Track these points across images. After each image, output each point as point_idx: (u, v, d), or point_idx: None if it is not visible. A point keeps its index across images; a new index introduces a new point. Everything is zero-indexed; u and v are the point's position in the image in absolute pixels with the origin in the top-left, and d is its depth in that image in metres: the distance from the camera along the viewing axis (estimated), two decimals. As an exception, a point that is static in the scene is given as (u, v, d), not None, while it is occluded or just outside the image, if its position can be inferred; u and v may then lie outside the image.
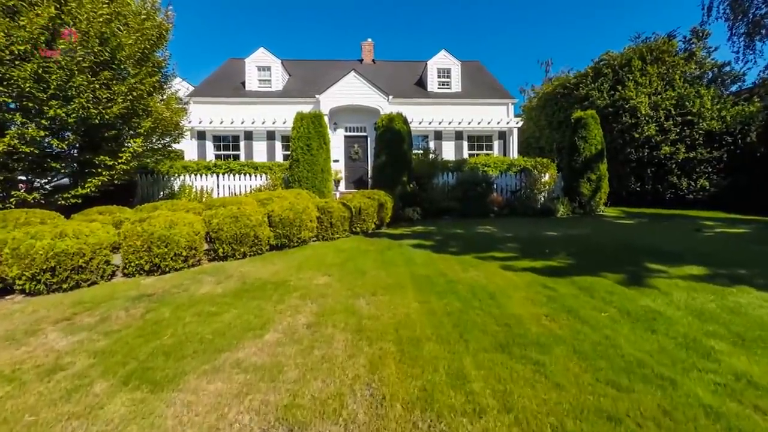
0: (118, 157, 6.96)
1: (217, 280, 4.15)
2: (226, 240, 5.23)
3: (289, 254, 5.51)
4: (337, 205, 6.85)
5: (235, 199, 7.35)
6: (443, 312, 3.09)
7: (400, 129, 10.31)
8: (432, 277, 4.11)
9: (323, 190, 10.18)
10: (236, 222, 5.30)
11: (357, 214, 7.45)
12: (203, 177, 11.41)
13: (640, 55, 12.61)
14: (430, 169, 10.73)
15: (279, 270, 4.53)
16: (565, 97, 15.76)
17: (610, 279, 3.86)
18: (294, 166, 10.17)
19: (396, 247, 5.83)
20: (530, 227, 7.98)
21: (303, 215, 6.11)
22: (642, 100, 11.94)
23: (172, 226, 4.67)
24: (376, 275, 4.21)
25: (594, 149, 10.79)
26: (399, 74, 19.53)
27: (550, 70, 31.40)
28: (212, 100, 15.80)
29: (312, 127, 10.14)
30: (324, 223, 6.72)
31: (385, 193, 8.71)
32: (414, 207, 9.86)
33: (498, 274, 4.17)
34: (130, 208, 6.97)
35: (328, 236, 6.77)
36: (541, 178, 11.36)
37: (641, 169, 12.32)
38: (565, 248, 5.51)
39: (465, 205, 10.33)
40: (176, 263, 4.65)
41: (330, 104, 15.28)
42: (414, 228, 8.16)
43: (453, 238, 6.72)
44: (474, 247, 5.77)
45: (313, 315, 3.08)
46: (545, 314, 2.99)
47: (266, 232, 5.70)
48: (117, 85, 6.43)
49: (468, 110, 16.66)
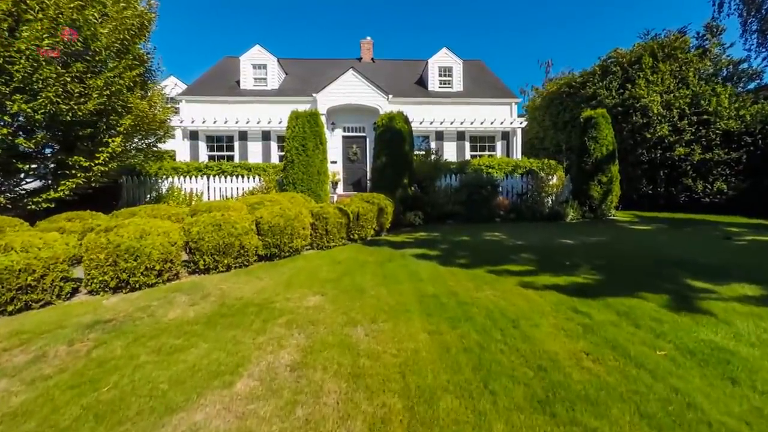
0: (94, 157, 6.38)
1: (192, 300, 3.57)
2: (208, 251, 4.65)
3: (279, 266, 4.93)
4: (333, 211, 6.28)
5: (222, 204, 6.77)
6: (459, 347, 2.52)
7: (401, 128, 9.76)
8: (441, 297, 3.54)
9: (319, 193, 9.61)
10: (219, 230, 4.72)
11: (355, 220, 6.88)
12: (193, 179, 10.83)
13: (651, 52, 12.10)
14: (433, 171, 10.18)
15: (265, 287, 3.95)
16: (571, 97, 15.25)
17: (652, 301, 3.29)
18: (288, 167, 9.60)
19: (398, 258, 5.26)
20: (541, 234, 7.43)
21: (295, 222, 5.53)
22: (654, 99, 11.43)
23: (143, 236, 4.08)
24: (376, 295, 3.63)
25: (605, 150, 10.26)
26: (399, 73, 19.00)
27: (550, 70, 30.94)
28: (205, 99, 15.22)
29: (308, 127, 9.58)
30: (319, 230, 6.15)
31: (385, 197, 8.15)
32: (415, 211, 9.30)
33: (517, 294, 3.60)
34: (110, 213, 6.38)
35: (324, 244, 6.20)
36: (548, 181, 10.82)
37: (653, 170, 11.79)
38: (586, 260, 4.95)
39: (469, 209, 9.78)
40: (148, 278, 4.06)
41: (328, 103, 14.73)
42: (416, 234, 7.59)
43: (460, 246, 6.15)
44: (484, 257, 5.20)
45: (300, 351, 2.51)
46: (585, 351, 2.42)
47: (254, 242, 5.12)
48: (92, 78, 5.86)
49: (470, 110, 16.13)
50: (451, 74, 17.00)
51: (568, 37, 65.66)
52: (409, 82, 17.85)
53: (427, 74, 17.31)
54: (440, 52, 16.94)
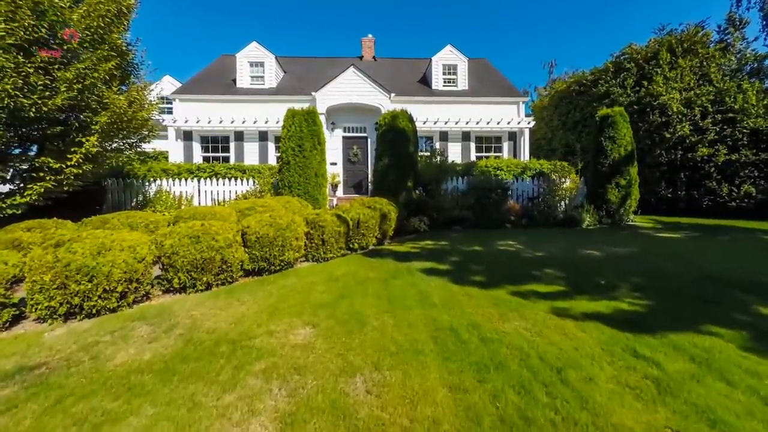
0: (66, 158, 5.74)
1: (153, 333, 2.90)
2: (183, 267, 3.99)
3: (267, 284, 4.26)
4: (331, 218, 5.62)
5: (208, 210, 6.13)
6: (494, 416, 1.84)
7: (405, 128, 9.10)
8: (460, 330, 2.86)
9: (317, 197, 8.96)
10: (197, 243, 4.06)
11: (355, 228, 6.22)
12: (183, 182, 10.19)
13: (668, 47, 11.43)
14: (439, 174, 9.51)
15: (245, 314, 3.28)
16: (581, 95, 14.58)
17: (729, 339, 2.61)
18: (284, 169, 8.94)
19: (404, 274, 4.59)
20: (560, 243, 6.74)
21: (287, 232, 4.87)
22: (673, 97, 10.74)
23: (101, 251, 3.43)
24: (379, 326, 2.96)
25: (623, 151, 9.57)
26: (401, 72, 18.38)
27: (553, 71, 30.35)
28: (200, 98, 14.61)
29: (305, 126, 8.93)
30: (314, 240, 5.48)
31: (387, 202, 7.49)
32: (420, 216, 8.63)
33: (553, 326, 2.92)
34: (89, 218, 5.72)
35: (320, 256, 5.53)
36: (561, 184, 10.13)
37: (673, 172, 11.09)
38: (622, 277, 4.27)
39: (478, 214, 9.10)
40: (108, 302, 3.41)
41: (327, 102, 14.11)
42: (422, 243, 6.92)
43: (472, 258, 5.47)
44: (503, 273, 4.52)
45: (278, 420, 1.84)
46: (672, 429, 1.74)
47: (239, 255, 4.46)
48: (60, 70, 5.23)
49: (475, 109, 15.48)
50: (456, 72, 16.36)
51: (571, 36, 65.04)
52: (411, 81, 17.22)
53: (430, 72, 16.67)
54: (444, 50, 16.30)
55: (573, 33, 65.68)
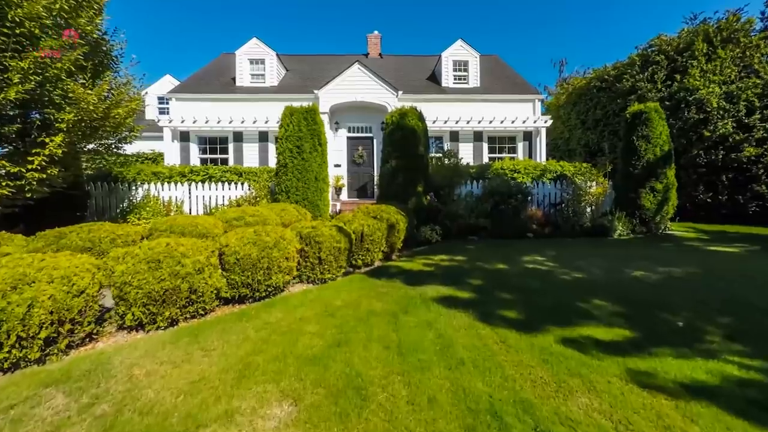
0: (27, 161, 4.98)
1: (65, 411, 2.05)
2: (138, 300, 3.15)
3: (245, 320, 3.40)
4: (329, 232, 4.74)
5: (188, 221, 5.30)
6: None
7: (415, 126, 8.21)
8: (504, 413, 1.95)
9: (317, 203, 8.10)
10: (156, 270, 3.22)
11: (358, 242, 5.34)
12: (174, 186, 9.43)
13: (705, 37, 10.34)
14: (452, 177, 8.58)
15: (205, 375, 2.41)
16: (603, 92, 13.52)
17: None
18: (281, 173, 8.11)
19: (417, 306, 3.68)
20: (596, 258, 5.77)
21: (274, 251, 4.00)
22: (712, 91, 9.66)
23: (18, 285, 2.60)
24: (387, 404, 2.07)
25: (659, 151, 8.54)
26: (409, 69, 17.50)
27: (564, 69, 29.27)
28: (197, 97, 13.92)
29: (304, 125, 8.09)
30: (309, 258, 4.61)
31: (396, 209, 6.59)
32: (432, 225, 7.73)
33: (643, 409, 1.99)
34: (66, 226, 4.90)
35: (316, 277, 4.66)
36: (588, 188, 9.13)
37: (713, 175, 9.98)
38: (703, 315, 3.30)
39: (496, 222, 8.16)
40: (28, 351, 2.57)
41: (331, 101, 13.29)
42: (436, 257, 6.01)
43: (499, 281, 4.54)
44: (543, 306, 3.59)
45: None
46: None
47: (213, 281, 3.60)
48: (14, 59, 4.47)
49: (488, 108, 14.54)
50: (467, 69, 15.43)
51: (580, 35, 63.41)
52: (420, 79, 16.32)
53: (440, 69, 15.77)
54: (455, 45, 15.38)
55: (582, 32, 64.06)
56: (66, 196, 7.65)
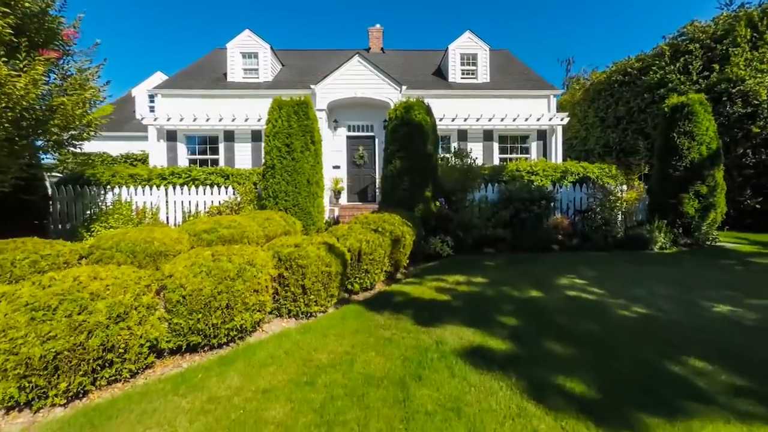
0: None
1: None
2: (12, 372, 2.07)
3: (183, 392, 2.31)
4: (317, 252, 3.64)
5: (141, 236, 4.23)
6: None
7: (422, 122, 7.12)
8: None
9: (309, 210, 7.02)
10: (46, 322, 2.15)
11: (355, 262, 4.26)
12: (151, 189, 8.40)
13: (748, 21, 9.20)
14: (465, 180, 7.48)
15: None
16: (627, 86, 12.40)
17: None
18: (268, 175, 7.05)
19: (435, 365, 2.58)
20: (655, 283, 4.62)
21: (238, 283, 2.92)
22: (761, 81, 8.52)
23: None
24: None
25: (705, 150, 7.41)
26: (413, 64, 16.44)
27: (570, 68, 28.20)
28: (185, 93, 12.91)
29: (294, 120, 7.03)
30: (291, 286, 3.52)
31: (401, 219, 5.50)
32: (442, 235, 6.63)
33: None
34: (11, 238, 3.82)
35: (299, 310, 3.58)
36: (620, 193, 8.00)
37: (762, 177, 8.82)
38: None
39: (517, 232, 7.05)
40: None
41: (329, 97, 12.25)
42: (450, 278, 4.90)
43: (540, 321, 3.44)
44: (621, 374, 2.49)
45: None
46: None
47: (146, 329, 2.53)
48: None
49: (499, 104, 13.44)
50: (476, 62, 14.34)
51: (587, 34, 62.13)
52: (425, 74, 15.25)
53: (446, 63, 14.69)
54: (462, 37, 14.30)
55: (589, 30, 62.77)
56: (20, 202, 6.64)
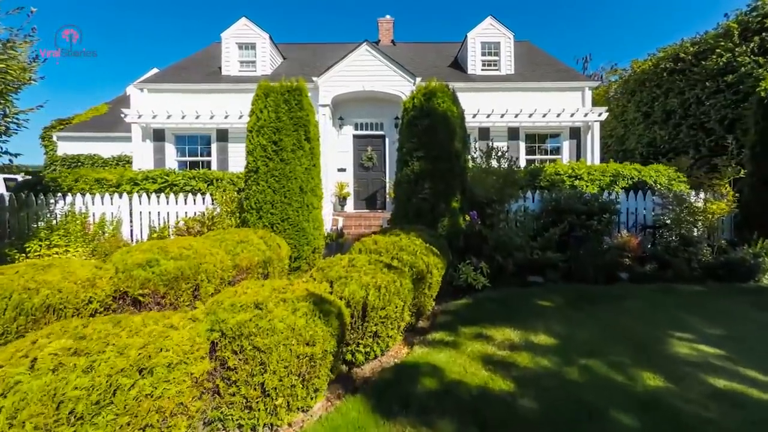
0: None
1: None
2: None
3: None
4: (289, 321, 2.05)
5: (18, 280, 2.72)
6: None
7: (447, 111, 5.50)
8: None
9: (302, 226, 5.45)
10: None
11: (358, 320, 2.67)
12: (111, 198, 6.98)
13: None
14: (503, 187, 5.79)
15: None
16: (679, 75, 10.58)
17: None
18: (250, 180, 5.52)
19: None
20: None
21: (101, 419, 1.35)
22: None
23: None
24: None
25: (822, 148, 5.60)
26: (427, 57, 14.87)
27: (588, 66, 26.30)
28: (174, 88, 11.58)
29: (284, 110, 5.49)
30: (240, 385, 1.94)
31: (423, 243, 3.89)
32: (474, 260, 4.99)
33: None
34: None
35: (256, 423, 1.99)
36: (699, 202, 6.25)
37: None
38: None
39: (573, 256, 5.34)
40: None
41: (333, 91, 10.76)
42: (498, 335, 3.26)
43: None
44: None
45: None
46: None
47: None
48: None
49: (525, 98, 11.76)
50: (499, 52, 12.70)
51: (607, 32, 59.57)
52: (441, 66, 13.65)
53: (465, 54, 13.08)
54: (484, 23, 12.67)
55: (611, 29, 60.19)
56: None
